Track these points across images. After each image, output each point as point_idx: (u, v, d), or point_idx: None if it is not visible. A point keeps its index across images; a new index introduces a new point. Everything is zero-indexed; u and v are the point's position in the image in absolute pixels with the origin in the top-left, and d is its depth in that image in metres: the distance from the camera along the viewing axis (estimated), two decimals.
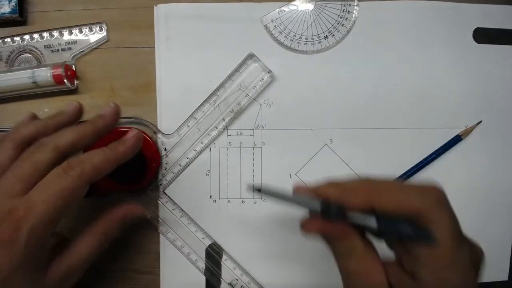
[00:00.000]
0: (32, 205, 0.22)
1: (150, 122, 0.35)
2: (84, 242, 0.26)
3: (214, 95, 0.35)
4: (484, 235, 0.37)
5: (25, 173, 0.23)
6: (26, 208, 0.22)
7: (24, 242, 0.22)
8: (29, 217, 0.22)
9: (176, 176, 0.35)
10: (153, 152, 0.33)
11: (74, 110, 0.29)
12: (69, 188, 0.23)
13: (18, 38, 0.34)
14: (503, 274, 0.38)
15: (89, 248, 0.26)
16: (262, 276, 0.36)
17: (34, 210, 0.22)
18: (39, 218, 0.22)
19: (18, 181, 0.23)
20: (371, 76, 0.36)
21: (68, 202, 0.23)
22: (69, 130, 0.26)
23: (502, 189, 0.37)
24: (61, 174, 0.23)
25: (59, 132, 0.26)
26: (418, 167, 0.36)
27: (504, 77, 0.37)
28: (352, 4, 0.35)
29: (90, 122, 0.27)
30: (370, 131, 0.36)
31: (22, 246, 0.22)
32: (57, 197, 0.23)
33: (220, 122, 0.35)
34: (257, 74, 0.35)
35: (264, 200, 0.36)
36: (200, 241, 0.35)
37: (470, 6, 0.36)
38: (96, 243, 0.27)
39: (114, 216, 0.28)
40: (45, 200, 0.22)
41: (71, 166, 0.24)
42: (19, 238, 0.22)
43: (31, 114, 0.29)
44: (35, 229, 0.22)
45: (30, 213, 0.22)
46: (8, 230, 0.22)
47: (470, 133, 0.36)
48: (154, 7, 0.35)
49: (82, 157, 0.25)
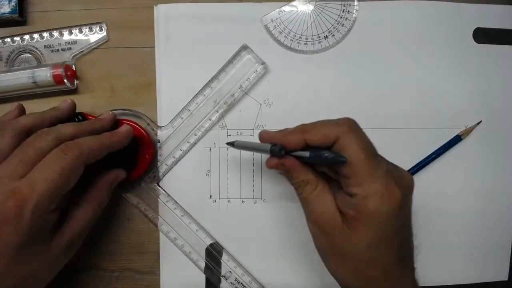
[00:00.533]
0: (35, 183, 0.24)
1: (144, 114, 0.35)
2: (81, 213, 0.29)
3: (208, 86, 0.35)
4: (484, 235, 0.37)
5: (28, 158, 0.25)
6: (29, 186, 0.24)
7: (29, 217, 0.24)
8: (33, 194, 0.24)
9: (170, 168, 0.35)
10: (147, 144, 0.33)
11: (67, 106, 0.31)
12: (68, 167, 0.25)
13: (18, 38, 0.34)
14: (503, 274, 0.38)
15: (86, 217, 0.29)
16: (262, 275, 0.36)
17: (36, 187, 0.24)
18: (42, 194, 0.24)
19: (21, 164, 0.25)
20: (371, 76, 0.36)
21: (67, 180, 0.25)
22: (70, 124, 0.28)
23: (502, 189, 0.37)
24: (60, 154, 0.25)
25: (61, 125, 0.28)
26: (418, 167, 0.36)
27: (504, 77, 0.37)
28: (352, 4, 0.35)
29: (89, 122, 0.30)
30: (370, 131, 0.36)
31: (28, 221, 0.24)
32: (57, 175, 0.25)
33: (214, 113, 0.35)
34: (250, 66, 0.35)
35: (264, 200, 0.36)
36: (201, 240, 0.35)
37: (470, 6, 0.36)
38: (91, 211, 0.29)
39: (102, 184, 0.31)
40: (47, 178, 0.24)
41: (69, 147, 0.26)
42: (24, 214, 0.23)
43: (19, 104, 0.31)
44: (39, 205, 0.24)
45: (33, 190, 0.24)
46: (13, 207, 0.23)
47: (470, 133, 0.36)
48: (154, 7, 0.35)
49: (79, 141, 0.27)
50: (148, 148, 0.34)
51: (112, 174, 0.31)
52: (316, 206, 0.26)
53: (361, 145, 0.24)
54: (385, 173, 0.24)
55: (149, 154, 0.34)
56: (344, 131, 0.25)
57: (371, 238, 0.24)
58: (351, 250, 0.25)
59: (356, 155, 0.24)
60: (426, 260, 0.27)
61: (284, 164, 0.26)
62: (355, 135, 0.25)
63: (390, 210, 0.24)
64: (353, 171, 0.24)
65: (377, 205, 0.24)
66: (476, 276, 0.37)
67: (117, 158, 0.30)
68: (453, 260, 0.37)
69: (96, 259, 0.35)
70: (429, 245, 0.36)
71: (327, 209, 0.26)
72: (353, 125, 0.26)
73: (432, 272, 0.37)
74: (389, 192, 0.24)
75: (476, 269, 0.37)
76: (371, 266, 0.25)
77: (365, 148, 0.25)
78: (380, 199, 0.24)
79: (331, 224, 0.25)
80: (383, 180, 0.24)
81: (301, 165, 0.26)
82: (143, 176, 0.35)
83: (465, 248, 0.37)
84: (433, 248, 0.36)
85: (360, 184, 0.24)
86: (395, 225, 0.25)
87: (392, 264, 0.25)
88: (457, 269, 0.37)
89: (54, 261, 0.27)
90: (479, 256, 0.37)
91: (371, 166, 0.24)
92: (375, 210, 0.24)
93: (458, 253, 0.37)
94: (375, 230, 0.24)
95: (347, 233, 0.25)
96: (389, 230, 0.25)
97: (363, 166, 0.24)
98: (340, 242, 0.25)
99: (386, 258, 0.25)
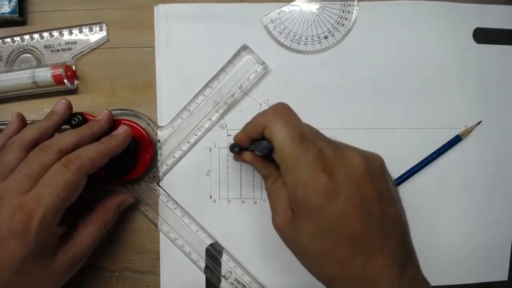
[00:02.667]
0: (40, 198, 0.25)
1: (144, 114, 0.35)
2: (87, 231, 0.29)
3: (208, 87, 0.35)
4: (484, 235, 0.37)
5: (33, 172, 0.26)
6: (35, 200, 0.25)
7: (35, 230, 0.24)
8: (38, 208, 0.24)
9: (170, 168, 0.35)
10: (147, 144, 0.33)
11: (65, 108, 0.31)
12: (70, 180, 0.26)
13: (18, 38, 0.34)
14: (503, 274, 0.38)
15: (91, 236, 0.29)
16: (262, 275, 0.36)
17: (42, 201, 0.25)
18: (47, 208, 0.25)
19: (26, 179, 0.26)
20: (371, 76, 0.36)
21: (71, 192, 0.26)
22: (70, 134, 0.28)
23: (502, 189, 0.37)
24: (62, 169, 0.26)
25: (62, 134, 0.29)
26: (418, 167, 0.36)
27: (504, 77, 0.37)
28: (352, 4, 0.35)
29: (87, 126, 0.30)
30: (370, 131, 0.36)
31: (34, 234, 0.24)
32: (61, 189, 0.25)
33: (214, 113, 0.35)
34: (250, 66, 0.35)
35: (264, 200, 0.36)
36: (201, 241, 0.35)
37: (470, 6, 0.36)
38: (97, 231, 0.30)
39: (110, 205, 0.32)
40: (51, 192, 0.25)
41: (70, 161, 0.26)
42: (30, 228, 0.24)
43: (18, 114, 0.31)
44: (44, 218, 0.25)
45: (39, 204, 0.25)
46: (20, 221, 0.24)
47: (470, 133, 0.36)
48: (154, 7, 0.35)
49: (79, 152, 0.27)
50: (148, 148, 0.34)
51: (121, 196, 0.33)
52: (273, 199, 0.27)
53: (286, 130, 0.24)
54: (314, 157, 0.23)
55: (149, 154, 0.34)
56: (269, 118, 0.25)
57: (313, 229, 0.23)
58: (300, 244, 0.25)
59: (281, 142, 0.24)
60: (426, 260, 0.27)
61: (244, 158, 0.28)
62: (279, 120, 0.24)
63: (319, 199, 0.23)
64: (280, 158, 0.24)
65: (304, 194, 0.23)
66: (476, 276, 0.37)
67: (117, 158, 0.30)
68: (453, 260, 0.37)
69: (96, 259, 0.35)
70: (429, 245, 0.36)
71: (282, 202, 0.26)
72: (279, 110, 0.25)
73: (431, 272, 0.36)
74: (313, 180, 0.23)
75: (476, 269, 0.37)
76: (324, 260, 0.24)
77: (290, 133, 0.24)
78: (304, 187, 0.23)
79: (283, 217, 0.25)
80: (308, 166, 0.23)
81: (260, 159, 0.27)
82: (143, 176, 0.35)
83: (465, 248, 0.37)
84: (433, 248, 0.36)
85: (288, 173, 0.24)
86: (335, 214, 0.23)
87: (349, 257, 0.23)
88: (457, 269, 0.37)
89: (56, 276, 0.27)
90: (479, 256, 0.37)
91: (296, 151, 0.23)
92: (304, 200, 0.23)
93: (458, 253, 0.37)
94: (314, 221, 0.23)
95: (294, 226, 0.25)
96: (329, 220, 0.23)
97: (288, 152, 0.23)
98: (291, 235, 0.25)
99: (338, 251, 0.23)
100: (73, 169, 0.26)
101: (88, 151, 0.27)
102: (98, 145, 0.28)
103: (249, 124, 0.27)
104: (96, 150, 0.28)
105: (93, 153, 0.27)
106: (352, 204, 0.23)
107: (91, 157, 0.27)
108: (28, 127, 0.30)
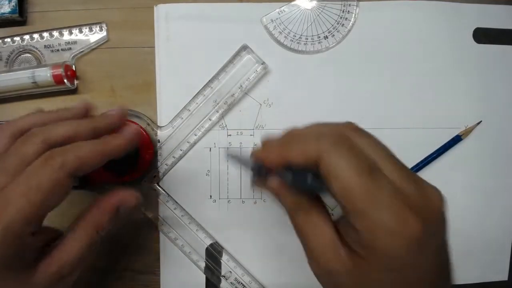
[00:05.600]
0: (8, 200, 0.20)
1: (144, 114, 0.35)
2: (74, 239, 0.23)
3: (208, 86, 0.35)
4: (484, 235, 0.37)
5: (10, 166, 0.21)
6: (1, 204, 0.20)
7: None
8: (4, 214, 0.20)
9: (170, 168, 0.35)
10: (147, 144, 0.33)
11: (81, 109, 0.26)
12: (48, 180, 0.21)
13: (18, 38, 0.34)
14: (503, 274, 0.38)
15: (79, 245, 0.23)
16: (262, 275, 0.36)
17: (10, 205, 0.20)
18: (15, 214, 0.20)
19: (2, 173, 0.21)
20: (371, 76, 0.36)
21: (48, 196, 0.21)
22: (66, 124, 0.23)
23: (502, 189, 0.37)
24: (40, 164, 0.21)
25: (52, 124, 0.23)
26: (418, 167, 0.36)
27: (504, 77, 0.37)
28: (352, 4, 0.35)
29: (89, 118, 0.25)
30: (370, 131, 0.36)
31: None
32: (35, 191, 0.20)
33: (214, 113, 0.35)
34: (250, 66, 0.35)
35: (264, 200, 0.36)
36: (201, 240, 0.35)
37: (470, 6, 0.36)
38: (87, 239, 0.24)
39: (104, 207, 0.25)
40: (23, 194, 0.20)
41: (51, 156, 0.21)
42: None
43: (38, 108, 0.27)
44: (11, 227, 0.20)
45: (5, 209, 0.20)
46: None
47: (470, 133, 0.36)
48: (154, 7, 0.35)
49: (66, 147, 0.22)
50: (148, 148, 0.34)
51: (120, 195, 0.25)
52: (312, 238, 0.21)
53: (351, 162, 0.19)
54: (392, 194, 0.19)
55: (149, 154, 0.34)
56: (326, 149, 0.19)
57: (384, 278, 0.19)
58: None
59: (346, 177, 0.19)
60: None
61: (269, 186, 0.22)
62: (341, 150, 0.19)
63: (409, 250, 0.18)
64: (347, 198, 0.19)
65: (387, 243, 0.18)
66: (476, 276, 0.37)
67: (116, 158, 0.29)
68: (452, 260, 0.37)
69: (96, 259, 0.35)
70: None
71: (326, 242, 0.21)
72: (339, 137, 0.20)
73: None
74: (401, 224, 0.18)
75: (476, 269, 0.37)
76: None
77: (357, 165, 0.19)
78: (391, 236, 0.18)
79: (333, 261, 0.21)
80: (390, 205, 0.18)
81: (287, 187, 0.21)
82: (143, 176, 0.35)
83: (465, 248, 0.37)
84: None
85: (360, 216, 0.19)
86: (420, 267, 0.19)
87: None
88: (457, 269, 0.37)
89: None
90: (479, 256, 0.37)
91: (369, 188, 0.18)
92: (386, 249, 0.18)
93: (457, 253, 0.37)
94: (390, 269, 0.19)
95: (356, 274, 0.20)
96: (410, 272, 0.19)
97: (358, 190, 0.18)
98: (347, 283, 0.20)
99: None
100: (54, 166, 0.21)
101: (79, 147, 0.22)
102: (94, 143, 0.23)
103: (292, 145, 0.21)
104: (90, 148, 0.23)
105: (85, 151, 0.22)
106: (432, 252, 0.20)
107: (80, 155, 0.22)
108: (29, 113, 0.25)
